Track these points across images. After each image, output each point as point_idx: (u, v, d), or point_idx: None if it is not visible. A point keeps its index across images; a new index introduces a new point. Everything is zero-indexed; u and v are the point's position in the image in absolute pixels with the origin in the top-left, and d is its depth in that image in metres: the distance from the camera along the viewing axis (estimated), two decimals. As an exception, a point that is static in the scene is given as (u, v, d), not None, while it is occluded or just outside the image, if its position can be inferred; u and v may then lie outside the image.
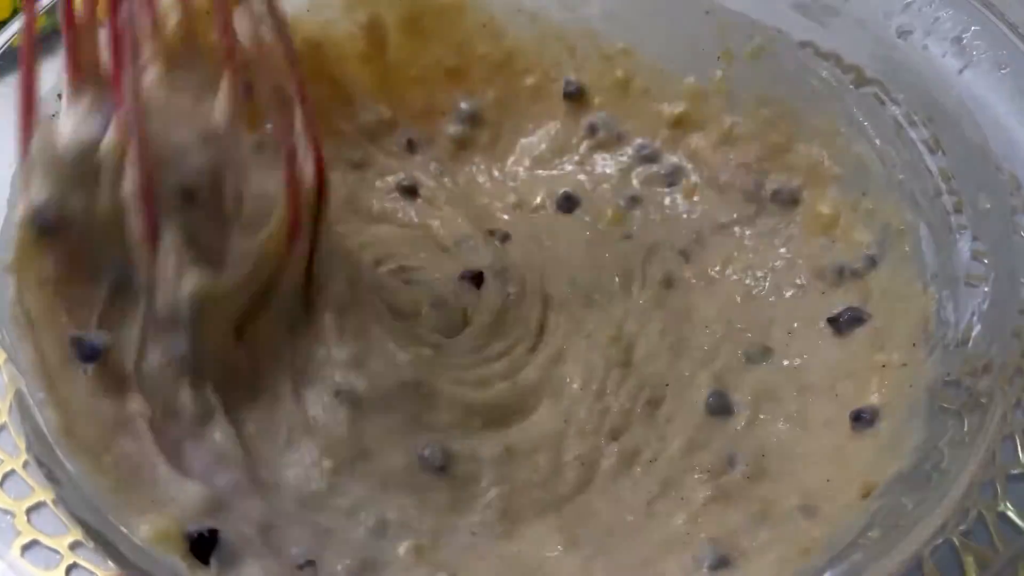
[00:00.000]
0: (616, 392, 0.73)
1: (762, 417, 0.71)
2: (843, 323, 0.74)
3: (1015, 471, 0.54)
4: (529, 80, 0.90)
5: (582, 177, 0.89)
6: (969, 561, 0.51)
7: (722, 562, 0.62)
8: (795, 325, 0.76)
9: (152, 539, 0.58)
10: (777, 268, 0.80)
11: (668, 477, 0.68)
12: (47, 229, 0.61)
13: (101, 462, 0.61)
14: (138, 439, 0.64)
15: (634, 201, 0.86)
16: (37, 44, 0.60)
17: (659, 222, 0.85)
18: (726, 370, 0.74)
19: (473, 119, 0.91)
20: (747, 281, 0.80)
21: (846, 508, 0.62)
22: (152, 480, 0.61)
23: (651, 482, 0.68)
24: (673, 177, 0.87)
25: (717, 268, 0.82)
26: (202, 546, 0.59)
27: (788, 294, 0.78)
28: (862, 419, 0.68)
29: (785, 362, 0.74)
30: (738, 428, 0.71)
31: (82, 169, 0.60)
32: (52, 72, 0.72)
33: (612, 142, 0.90)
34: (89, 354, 0.67)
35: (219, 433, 0.64)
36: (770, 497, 0.66)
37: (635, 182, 0.88)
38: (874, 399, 0.69)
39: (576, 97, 0.90)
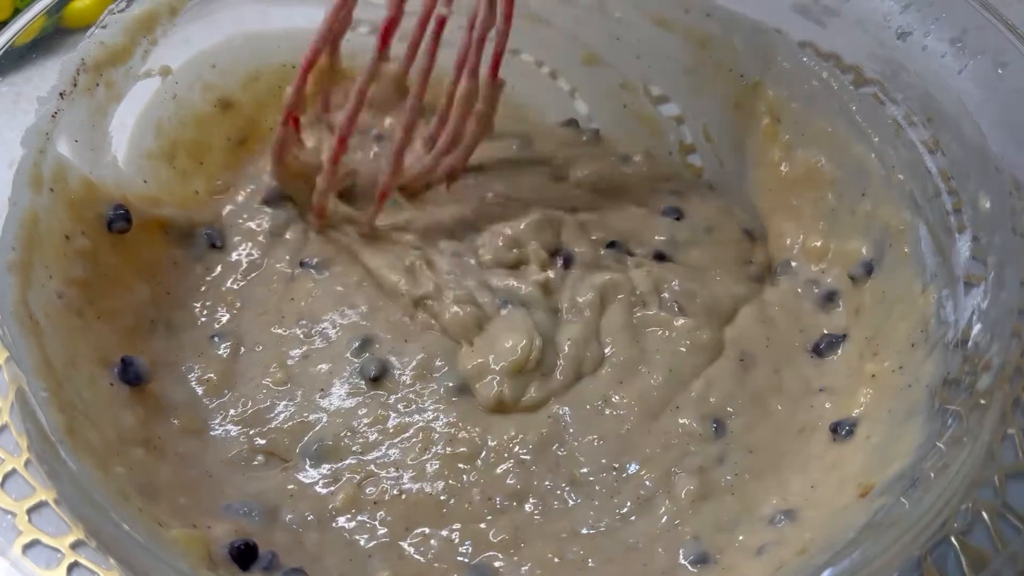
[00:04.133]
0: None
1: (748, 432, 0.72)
2: (823, 348, 0.76)
3: (1015, 470, 0.54)
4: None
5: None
6: (968, 561, 0.51)
7: (703, 558, 0.64)
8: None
9: (179, 539, 0.60)
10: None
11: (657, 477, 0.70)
12: None
13: (109, 469, 0.61)
14: (165, 462, 0.67)
15: None
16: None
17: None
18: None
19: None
20: None
21: (840, 510, 0.63)
22: (174, 507, 0.64)
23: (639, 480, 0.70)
24: None
25: None
26: (244, 556, 0.62)
27: None
28: (839, 431, 0.70)
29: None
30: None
31: None
32: (53, 71, 0.73)
33: None
34: (133, 379, 0.69)
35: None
36: (750, 503, 0.67)
37: None
38: (856, 411, 0.70)
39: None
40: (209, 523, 0.64)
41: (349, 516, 0.67)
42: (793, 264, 0.82)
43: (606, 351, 0.76)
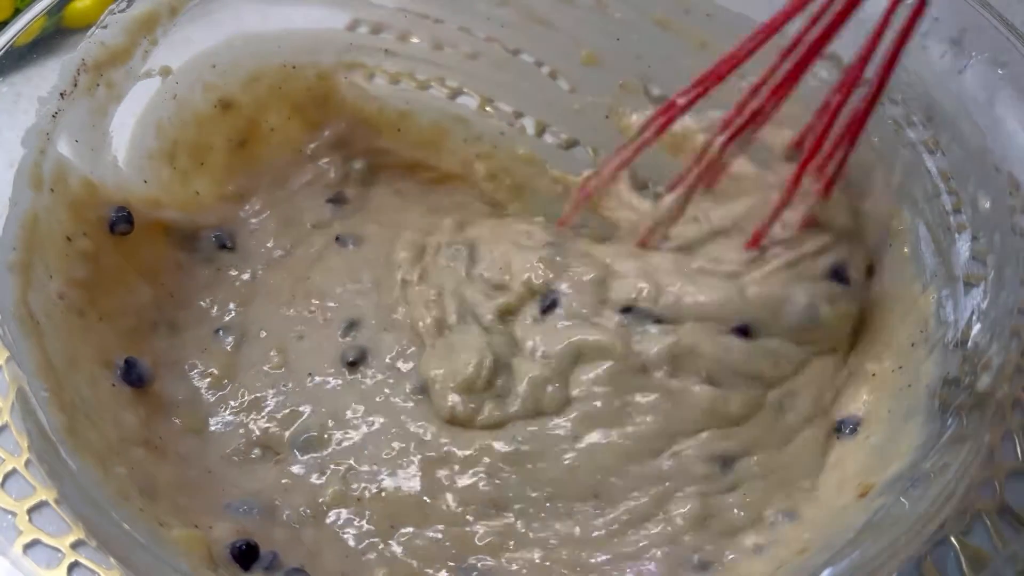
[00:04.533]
0: None
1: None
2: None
3: (1015, 470, 0.54)
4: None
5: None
6: (968, 561, 0.51)
7: (704, 563, 0.64)
8: None
9: (179, 539, 0.60)
10: None
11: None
12: None
13: (110, 469, 0.61)
14: (166, 462, 0.67)
15: None
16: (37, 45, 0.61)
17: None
18: None
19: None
20: None
21: (840, 510, 0.63)
22: (175, 506, 0.64)
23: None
24: None
25: None
26: (245, 556, 0.62)
27: None
28: (843, 430, 0.69)
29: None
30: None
31: None
32: (53, 71, 0.73)
33: None
34: (135, 380, 0.69)
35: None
36: (748, 503, 0.67)
37: None
38: (859, 410, 0.70)
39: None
40: (210, 523, 0.64)
41: (339, 511, 0.67)
42: None
43: (572, 396, 0.70)
